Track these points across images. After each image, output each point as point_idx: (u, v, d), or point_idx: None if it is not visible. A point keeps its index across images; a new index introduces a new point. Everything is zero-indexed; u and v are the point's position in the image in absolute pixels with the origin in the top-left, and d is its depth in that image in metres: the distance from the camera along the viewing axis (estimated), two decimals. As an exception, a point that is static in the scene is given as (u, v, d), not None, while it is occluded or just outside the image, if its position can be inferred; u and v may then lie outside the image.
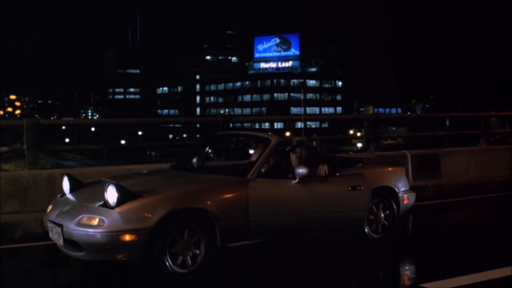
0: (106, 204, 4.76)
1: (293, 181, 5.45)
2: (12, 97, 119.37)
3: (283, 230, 5.45)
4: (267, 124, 69.55)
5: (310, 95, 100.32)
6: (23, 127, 7.82)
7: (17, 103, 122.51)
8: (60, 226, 4.86)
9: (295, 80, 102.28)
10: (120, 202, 4.71)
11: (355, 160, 6.71)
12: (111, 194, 4.73)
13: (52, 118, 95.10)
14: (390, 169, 6.61)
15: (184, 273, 4.84)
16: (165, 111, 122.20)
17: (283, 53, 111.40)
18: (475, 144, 12.03)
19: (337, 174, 5.97)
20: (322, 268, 5.45)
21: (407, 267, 5.65)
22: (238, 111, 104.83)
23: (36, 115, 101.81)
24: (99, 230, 4.61)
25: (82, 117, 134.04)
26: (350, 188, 5.75)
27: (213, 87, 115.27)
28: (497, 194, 9.87)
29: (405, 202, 6.43)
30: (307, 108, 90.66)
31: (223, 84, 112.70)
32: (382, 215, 6.24)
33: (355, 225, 5.92)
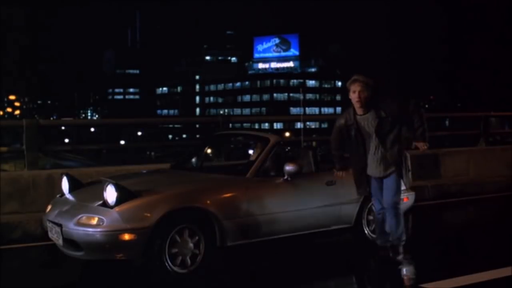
0: (105, 204, 4.75)
1: (289, 179, 5.45)
2: (12, 97, 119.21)
3: (282, 229, 5.45)
4: (266, 124, 69.41)
5: (309, 95, 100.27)
6: (22, 128, 7.82)
7: (17, 104, 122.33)
8: (60, 225, 4.86)
9: (295, 81, 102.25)
10: (119, 201, 4.70)
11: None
12: (110, 194, 4.73)
13: (51, 118, 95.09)
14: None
15: (184, 273, 4.84)
16: (165, 111, 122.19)
17: (283, 54, 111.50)
18: (474, 144, 12.03)
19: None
20: (321, 268, 5.44)
21: (407, 267, 5.64)
22: (237, 111, 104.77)
23: (36, 115, 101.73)
24: (99, 230, 4.61)
25: (81, 117, 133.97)
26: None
27: (212, 87, 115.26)
28: (497, 194, 9.86)
29: (404, 202, 6.42)
30: (306, 108, 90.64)
31: (222, 84, 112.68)
32: (382, 215, 6.23)
33: (351, 220, 5.94)
